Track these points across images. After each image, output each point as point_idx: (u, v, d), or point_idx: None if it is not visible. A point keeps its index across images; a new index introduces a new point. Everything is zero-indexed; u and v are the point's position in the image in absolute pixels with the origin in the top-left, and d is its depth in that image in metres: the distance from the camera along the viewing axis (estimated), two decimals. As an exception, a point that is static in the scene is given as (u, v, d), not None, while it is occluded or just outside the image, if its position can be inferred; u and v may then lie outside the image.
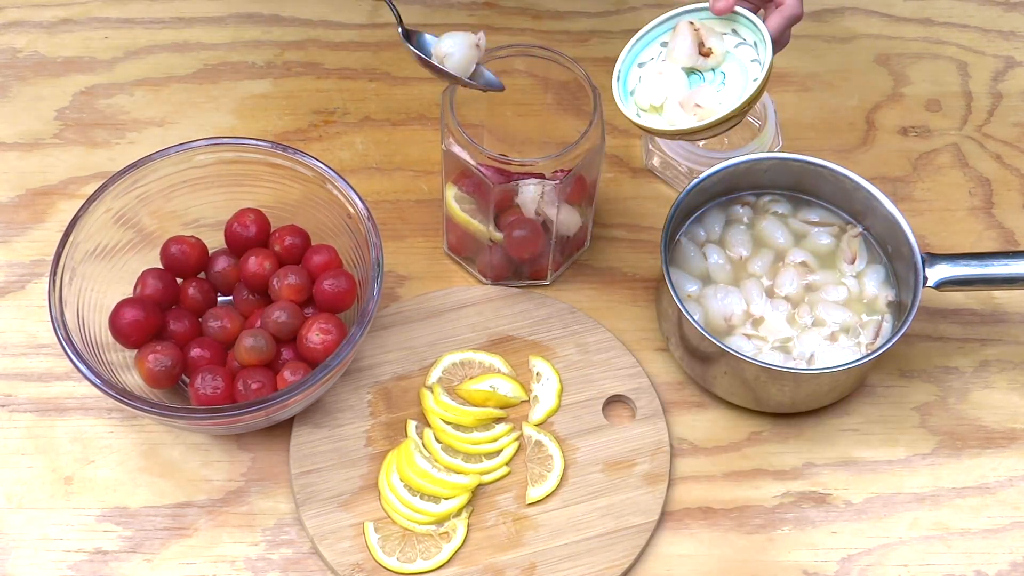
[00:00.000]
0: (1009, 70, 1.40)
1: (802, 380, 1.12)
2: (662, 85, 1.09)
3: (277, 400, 1.05)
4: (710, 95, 1.07)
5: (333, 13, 1.42)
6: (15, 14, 1.41)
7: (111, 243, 1.15)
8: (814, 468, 1.15)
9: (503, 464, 1.13)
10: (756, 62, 1.08)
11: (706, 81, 1.09)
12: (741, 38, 1.09)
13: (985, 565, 1.11)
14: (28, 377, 1.18)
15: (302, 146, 1.29)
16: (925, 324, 1.23)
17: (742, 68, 1.08)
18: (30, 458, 1.14)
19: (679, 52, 1.09)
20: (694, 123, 1.06)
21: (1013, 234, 1.29)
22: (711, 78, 1.09)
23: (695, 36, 1.09)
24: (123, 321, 1.12)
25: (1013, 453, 1.16)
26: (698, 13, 1.10)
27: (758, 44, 1.08)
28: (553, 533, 1.10)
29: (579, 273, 1.25)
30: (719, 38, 1.09)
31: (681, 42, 1.09)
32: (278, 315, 1.12)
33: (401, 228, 1.27)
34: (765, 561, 1.10)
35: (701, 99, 1.07)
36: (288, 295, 1.14)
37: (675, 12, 1.10)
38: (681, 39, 1.09)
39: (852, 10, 1.44)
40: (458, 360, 1.18)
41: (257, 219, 1.19)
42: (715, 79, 1.09)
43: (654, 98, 1.09)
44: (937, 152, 1.34)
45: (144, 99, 1.35)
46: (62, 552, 1.10)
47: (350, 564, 1.08)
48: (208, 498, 1.12)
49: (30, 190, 1.29)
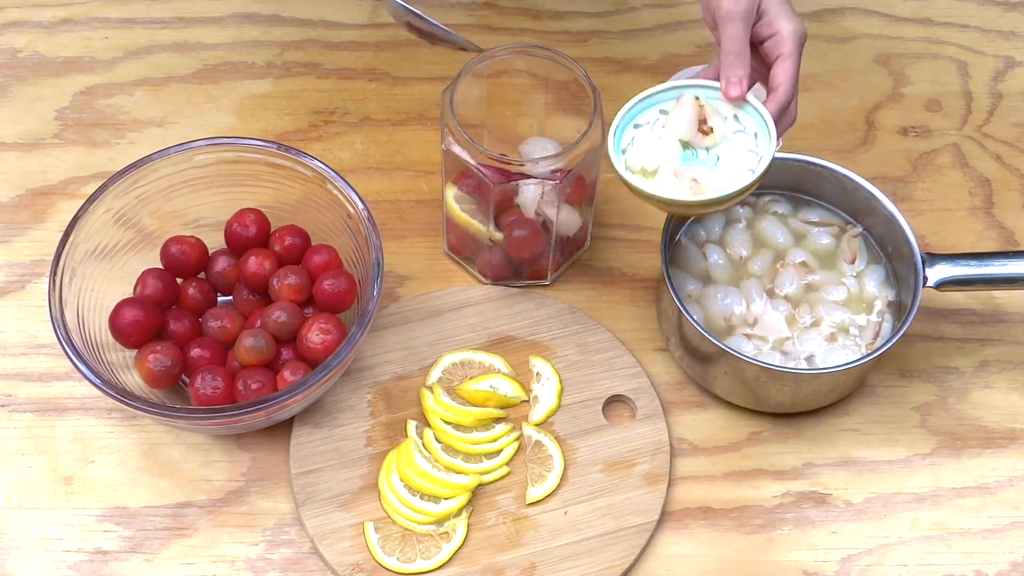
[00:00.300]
0: (1009, 70, 1.40)
1: (802, 380, 1.12)
2: (659, 150, 1.07)
3: (277, 400, 1.05)
4: (706, 173, 1.06)
5: (333, 13, 1.42)
6: (15, 14, 1.41)
7: (111, 243, 1.15)
8: (814, 468, 1.15)
9: (503, 464, 1.13)
10: (752, 152, 1.07)
11: (699, 159, 1.08)
12: (742, 125, 1.08)
13: (985, 565, 1.11)
14: (28, 377, 1.18)
15: (302, 146, 1.29)
16: (925, 324, 1.23)
17: (737, 155, 1.07)
18: (30, 458, 1.14)
19: (679, 123, 1.07)
20: (686, 196, 1.05)
21: (1013, 234, 1.29)
22: (704, 157, 1.08)
23: (698, 112, 1.07)
24: (123, 321, 1.12)
25: (1013, 453, 1.16)
26: (705, 91, 1.08)
27: (759, 135, 1.07)
28: (553, 533, 1.10)
29: (579, 273, 1.25)
30: (721, 120, 1.07)
31: (683, 114, 1.07)
32: (278, 315, 1.12)
33: (401, 228, 1.27)
34: (765, 561, 1.10)
35: (699, 175, 1.06)
36: (288, 295, 1.14)
37: (683, 83, 1.09)
38: (684, 111, 1.07)
39: (852, 10, 1.44)
40: (458, 360, 1.18)
41: (257, 219, 1.19)
42: (708, 159, 1.08)
43: (648, 162, 1.07)
44: (937, 152, 1.34)
45: (144, 99, 1.35)
46: (62, 552, 1.10)
47: (350, 564, 1.08)
48: (208, 498, 1.12)
49: (30, 190, 1.29)
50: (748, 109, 1.07)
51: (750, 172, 1.06)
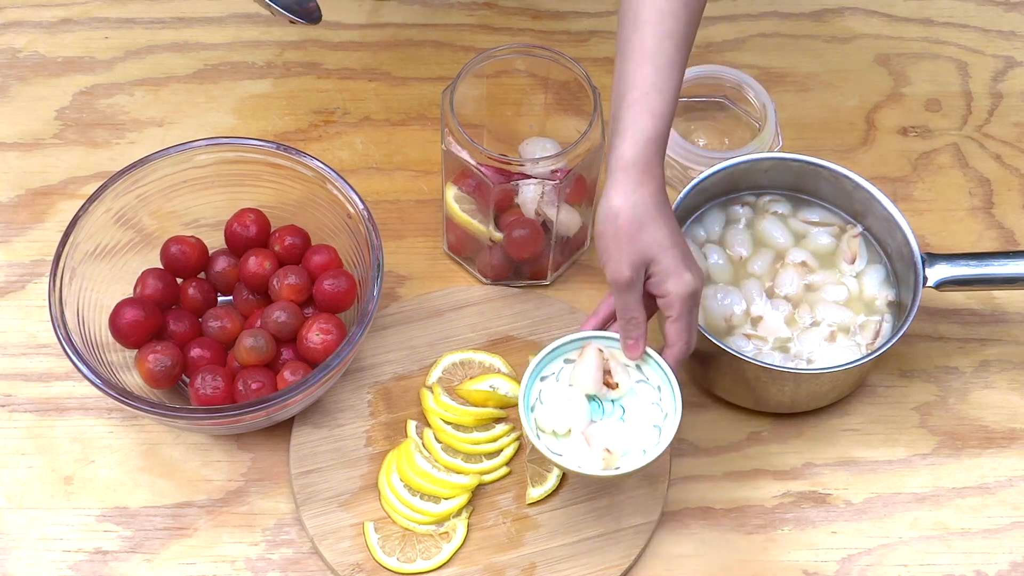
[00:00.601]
0: (1009, 70, 1.40)
1: (802, 380, 1.12)
2: (568, 410, 1.05)
3: (277, 400, 1.05)
4: (616, 435, 1.04)
5: (333, 13, 1.42)
6: (15, 14, 1.41)
7: (111, 243, 1.15)
8: (814, 468, 1.15)
9: (503, 464, 1.13)
10: (656, 405, 1.05)
11: (605, 412, 1.06)
12: (644, 376, 1.06)
13: (985, 565, 1.11)
14: (28, 377, 1.18)
15: (302, 146, 1.29)
16: (925, 324, 1.23)
17: (642, 408, 1.06)
18: (30, 458, 1.14)
19: (585, 378, 1.05)
20: (598, 470, 1.02)
21: (1013, 234, 1.29)
22: (610, 409, 1.06)
23: (602, 364, 1.05)
24: (123, 321, 1.12)
25: (1013, 453, 1.16)
26: (607, 341, 1.06)
27: (662, 388, 1.05)
28: (553, 533, 1.10)
29: (579, 273, 1.25)
30: (625, 371, 1.06)
31: (588, 368, 1.05)
32: (278, 315, 1.12)
33: (401, 228, 1.27)
34: (765, 561, 1.10)
35: (610, 440, 1.03)
36: (288, 295, 1.14)
37: (584, 335, 1.06)
38: (587, 364, 1.05)
39: (852, 10, 1.44)
40: (458, 360, 1.18)
41: (257, 219, 1.19)
42: (614, 411, 1.06)
43: (558, 424, 1.04)
44: (937, 152, 1.34)
45: (144, 99, 1.35)
46: (62, 552, 1.10)
47: (350, 564, 1.08)
48: (208, 498, 1.12)
49: (30, 190, 1.29)
50: (650, 363, 1.06)
51: (656, 429, 1.04)
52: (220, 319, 1.15)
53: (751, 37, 1.41)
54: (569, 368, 1.07)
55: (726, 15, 1.43)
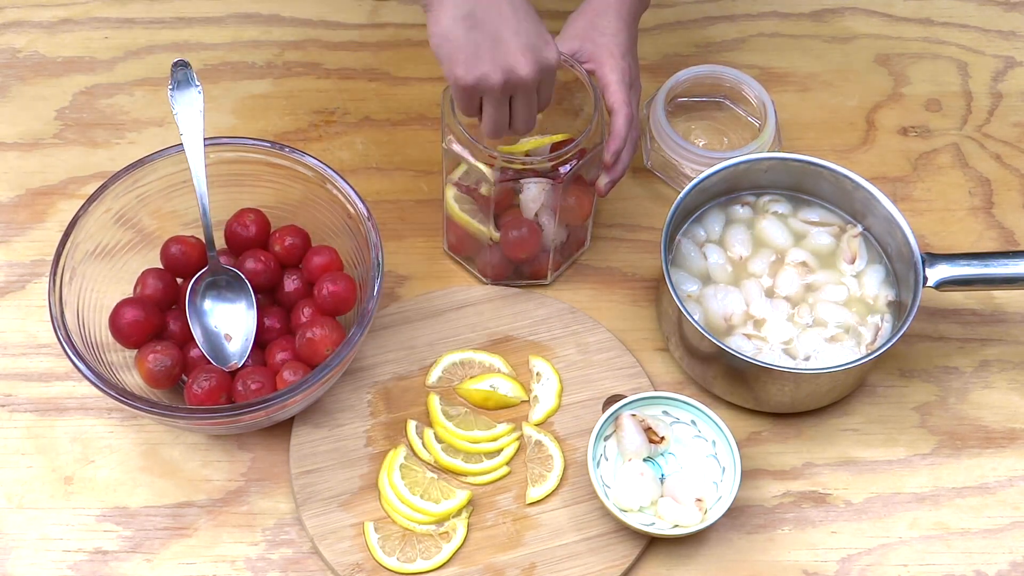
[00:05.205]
0: (1009, 70, 1.40)
1: (802, 380, 1.12)
2: (643, 486, 1.08)
3: (277, 400, 1.05)
4: (690, 483, 1.08)
5: (333, 13, 1.42)
6: (15, 14, 1.41)
7: (111, 243, 1.15)
8: (814, 468, 1.15)
9: (503, 464, 1.13)
10: (699, 438, 1.10)
11: (661, 468, 1.10)
12: (674, 417, 1.11)
13: (985, 565, 1.11)
14: (28, 377, 1.18)
15: (302, 146, 1.29)
16: (925, 324, 1.23)
17: (687, 446, 1.11)
18: (30, 458, 1.14)
19: (634, 447, 1.09)
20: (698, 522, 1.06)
21: (1013, 234, 1.29)
22: (663, 463, 1.10)
23: (640, 426, 1.09)
24: (123, 321, 1.12)
25: (1013, 453, 1.16)
26: (632, 406, 1.11)
27: (696, 422, 1.11)
28: (553, 533, 1.10)
29: (579, 273, 1.25)
30: (661, 423, 1.10)
31: (632, 436, 1.09)
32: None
33: (401, 228, 1.27)
34: (765, 561, 1.10)
35: (694, 492, 1.08)
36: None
37: (610, 412, 1.10)
38: (631, 433, 1.09)
39: (852, 10, 1.44)
40: (458, 360, 1.18)
41: (257, 219, 1.19)
42: (667, 463, 1.10)
43: (643, 500, 1.08)
44: (937, 152, 1.34)
45: (144, 99, 1.35)
46: (62, 552, 1.10)
47: (350, 564, 1.08)
48: (208, 498, 1.12)
49: (30, 190, 1.29)
50: (673, 403, 1.11)
51: (711, 458, 1.10)
52: (220, 319, 1.15)
53: (751, 37, 1.41)
54: (612, 445, 1.10)
55: (726, 15, 1.43)
